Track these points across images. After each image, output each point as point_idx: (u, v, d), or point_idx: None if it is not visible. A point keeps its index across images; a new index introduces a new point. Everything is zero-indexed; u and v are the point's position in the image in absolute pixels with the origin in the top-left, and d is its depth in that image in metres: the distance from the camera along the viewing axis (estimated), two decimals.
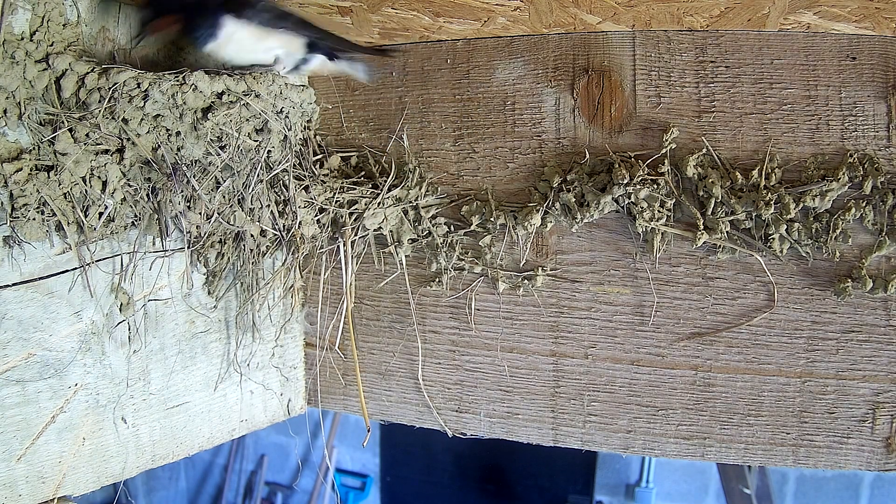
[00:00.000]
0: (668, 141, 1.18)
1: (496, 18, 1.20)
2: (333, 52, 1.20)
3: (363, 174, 1.39)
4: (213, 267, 1.28)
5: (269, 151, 1.21)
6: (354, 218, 1.34)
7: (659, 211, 1.18)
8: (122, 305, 1.13)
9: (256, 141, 1.18)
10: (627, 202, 1.20)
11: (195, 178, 1.13)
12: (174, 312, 1.24)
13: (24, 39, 0.98)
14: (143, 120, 1.05)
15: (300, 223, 1.31)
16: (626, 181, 1.17)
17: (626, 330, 1.25)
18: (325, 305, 1.47)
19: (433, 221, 1.34)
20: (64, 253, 1.05)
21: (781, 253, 1.14)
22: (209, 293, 1.29)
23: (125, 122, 1.04)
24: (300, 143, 1.31)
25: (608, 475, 4.26)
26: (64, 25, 1.03)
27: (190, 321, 1.27)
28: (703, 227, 1.17)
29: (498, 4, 1.14)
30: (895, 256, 1.11)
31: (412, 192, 1.34)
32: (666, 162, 1.18)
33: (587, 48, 1.24)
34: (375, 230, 1.36)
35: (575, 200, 1.22)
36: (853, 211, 1.09)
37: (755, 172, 1.14)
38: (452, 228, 1.34)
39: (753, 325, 1.18)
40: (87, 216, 1.05)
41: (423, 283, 1.38)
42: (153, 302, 1.19)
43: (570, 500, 4.31)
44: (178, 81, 1.05)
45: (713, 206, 1.16)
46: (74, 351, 1.07)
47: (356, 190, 1.35)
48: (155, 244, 1.17)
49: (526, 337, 1.32)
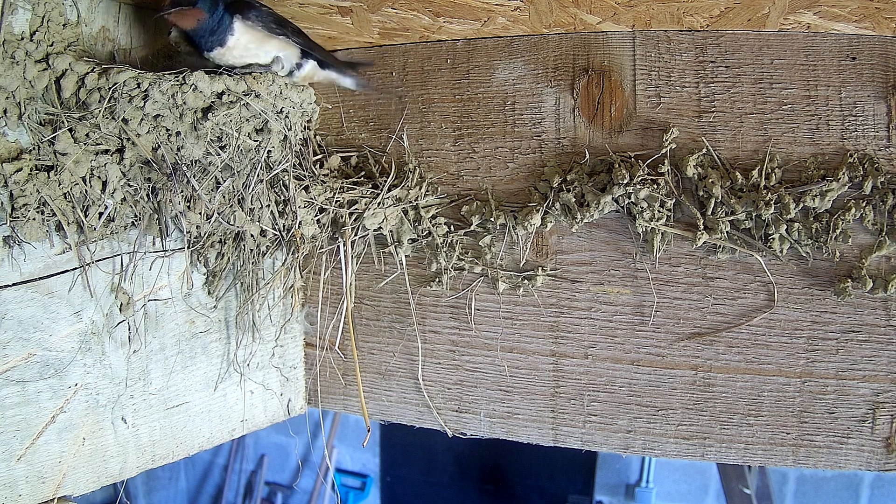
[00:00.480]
0: (668, 141, 1.18)
1: (496, 18, 1.20)
2: (322, 61, 1.23)
3: (363, 174, 1.39)
4: (213, 267, 1.28)
5: (269, 151, 1.21)
6: (354, 218, 1.35)
7: (659, 211, 1.18)
8: (122, 305, 1.13)
9: (256, 141, 1.18)
10: (627, 202, 1.20)
11: (195, 178, 1.13)
12: (174, 312, 1.24)
13: (24, 39, 0.98)
14: (143, 120, 1.05)
15: (300, 223, 1.31)
16: (626, 181, 1.17)
17: (626, 330, 1.25)
18: (325, 305, 1.47)
19: (433, 221, 1.34)
20: (64, 253, 1.05)
21: (781, 253, 1.14)
22: (209, 293, 1.29)
23: (125, 122, 1.04)
24: (300, 143, 1.31)
25: (608, 475, 4.26)
26: (64, 25, 1.03)
27: (190, 321, 1.27)
28: (703, 227, 1.17)
29: (498, 4, 1.14)
30: (895, 256, 1.11)
31: (412, 192, 1.34)
32: (666, 162, 1.18)
33: (587, 48, 1.24)
34: (375, 230, 1.36)
35: (575, 200, 1.22)
36: (853, 211, 1.09)
37: (755, 172, 1.14)
38: (452, 228, 1.34)
39: (753, 325, 1.18)
40: (87, 216, 1.05)
41: (423, 283, 1.38)
42: (153, 302, 1.19)
43: (570, 500, 4.31)
44: (178, 81, 1.05)
45: (713, 206, 1.16)
46: (74, 351, 1.07)
47: (356, 190, 1.35)
48: (155, 244, 1.17)
49: (526, 337, 1.32)
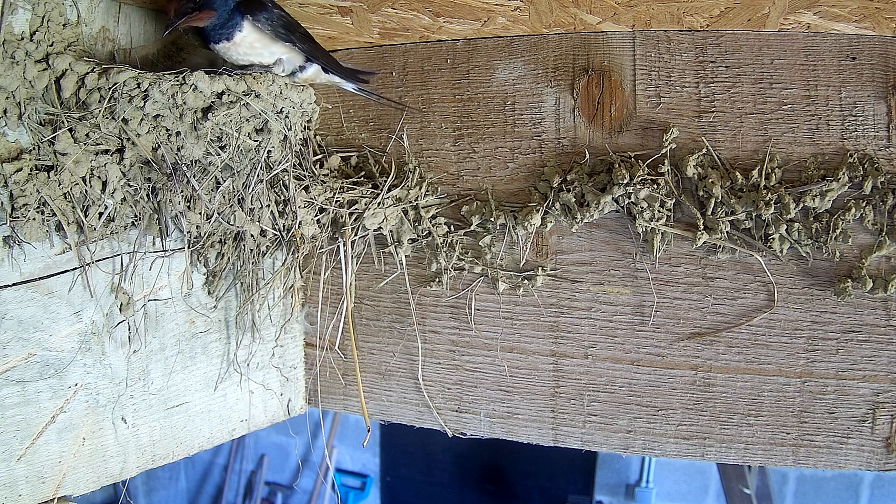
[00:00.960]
0: (668, 141, 1.18)
1: (496, 18, 1.20)
2: (326, 66, 1.23)
3: (363, 174, 1.39)
4: (213, 267, 1.28)
5: (269, 151, 1.21)
6: (354, 218, 1.34)
7: (659, 211, 1.18)
8: (122, 305, 1.13)
9: (256, 141, 1.18)
10: (627, 202, 1.20)
11: (195, 178, 1.13)
12: (174, 312, 1.24)
13: (24, 39, 0.98)
14: (143, 120, 1.05)
15: (300, 223, 1.31)
16: (626, 181, 1.17)
17: (626, 330, 1.25)
18: (325, 305, 1.47)
19: (433, 221, 1.34)
20: (64, 253, 1.05)
21: (781, 253, 1.14)
22: (209, 293, 1.29)
23: (125, 122, 1.04)
24: (300, 143, 1.31)
25: (608, 475, 4.26)
26: (64, 25, 1.03)
27: (190, 321, 1.27)
28: (703, 227, 1.17)
29: (498, 4, 1.14)
30: (895, 256, 1.11)
31: (412, 192, 1.34)
32: (666, 162, 1.18)
33: (587, 48, 1.24)
34: (375, 230, 1.36)
35: (575, 200, 1.22)
36: (853, 211, 1.09)
37: (755, 172, 1.14)
38: (452, 228, 1.34)
39: (753, 325, 1.18)
40: (87, 216, 1.05)
41: (423, 283, 1.38)
42: (153, 302, 1.19)
43: (570, 500, 4.31)
44: (178, 81, 1.05)
45: (713, 206, 1.16)
46: (74, 351, 1.07)
47: (356, 190, 1.35)
48: (155, 244, 1.17)
49: (526, 337, 1.32)
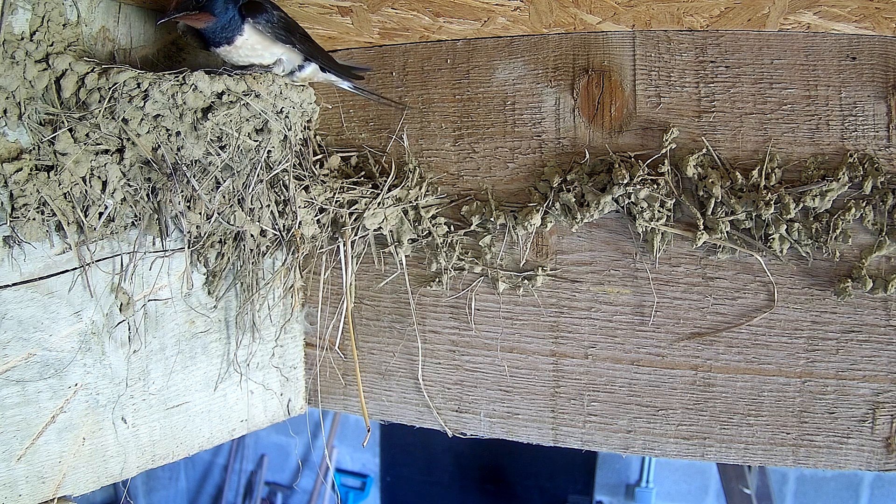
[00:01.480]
0: (668, 141, 1.18)
1: (496, 18, 1.20)
2: (324, 65, 1.24)
3: (363, 174, 1.39)
4: (213, 267, 1.28)
5: (269, 151, 1.21)
6: (354, 218, 1.34)
7: (659, 211, 1.18)
8: (122, 305, 1.13)
9: (256, 141, 1.18)
10: (627, 202, 1.20)
11: (195, 178, 1.13)
12: (174, 312, 1.24)
13: (24, 39, 0.98)
14: (143, 120, 1.05)
15: (300, 223, 1.31)
16: (626, 181, 1.17)
17: (626, 330, 1.25)
18: (325, 305, 1.47)
19: (433, 221, 1.34)
20: (64, 253, 1.05)
21: (781, 253, 1.14)
22: (209, 293, 1.29)
23: (125, 122, 1.04)
24: (300, 143, 1.31)
25: (608, 475, 4.26)
26: (64, 25, 1.03)
27: (190, 321, 1.27)
28: (703, 227, 1.17)
29: (498, 4, 1.14)
30: (895, 256, 1.11)
31: (412, 192, 1.34)
32: (666, 162, 1.18)
33: (587, 48, 1.24)
34: (375, 230, 1.36)
35: (575, 200, 1.22)
36: (853, 211, 1.09)
37: (755, 172, 1.14)
38: (452, 228, 1.34)
39: (753, 325, 1.18)
40: (87, 216, 1.05)
41: (423, 283, 1.38)
42: (153, 302, 1.19)
43: (570, 500, 4.31)
44: (178, 81, 1.05)
45: (713, 206, 1.16)
46: (74, 351, 1.07)
47: (356, 190, 1.35)
48: (155, 244, 1.17)
49: (526, 337, 1.32)
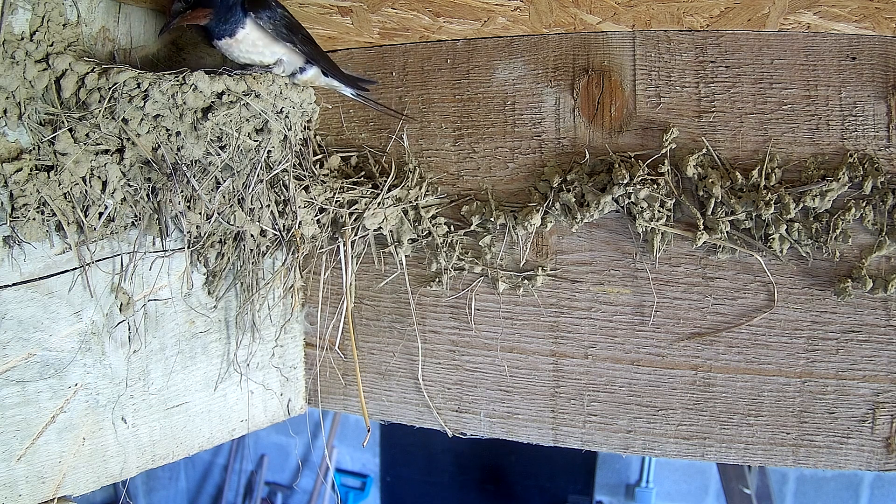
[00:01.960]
0: (668, 141, 1.18)
1: (496, 18, 1.20)
2: (326, 70, 1.24)
3: (363, 174, 1.39)
4: (213, 267, 1.28)
5: (269, 151, 1.21)
6: (354, 218, 1.34)
7: (659, 211, 1.18)
8: (122, 305, 1.13)
9: (256, 141, 1.18)
10: (627, 202, 1.20)
11: (195, 178, 1.13)
12: (174, 312, 1.24)
13: (24, 39, 0.98)
14: (143, 120, 1.05)
15: (300, 223, 1.31)
16: (626, 181, 1.17)
17: (626, 330, 1.25)
18: (325, 305, 1.47)
19: (433, 221, 1.34)
20: (64, 253, 1.05)
21: (781, 253, 1.14)
22: (209, 293, 1.29)
23: (125, 122, 1.04)
24: (300, 143, 1.31)
25: (608, 475, 4.26)
26: (64, 25, 1.03)
27: (190, 321, 1.27)
28: (703, 227, 1.17)
29: (498, 4, 1.14)
30: (895, 256, 1.11)
31: (412, 192, 1.34)
32: (666, 162, 1.18)
33: (587, 48, 1.24)
34: (375, 230, 1.36)
35: (575, 200, 1.22)
36: (853, 211, 1.09)
37: (755, 172, 1.14)
38: (452, 228, 1.34)
39: (753, 325, 1.18)
40: (87, 216, 1.05)
41: (423, 283, 1.38)
42: (153, 302, 1.19)
43: (570, 500, 4.31)
44: (178, 81, 1.05)
45: (713, 206, 1.16)
46: (74, 351, 1.07)
47: (356, 190, 1.35)
48: (155, 244, 1.17)
49: (526, 337, 1.32)
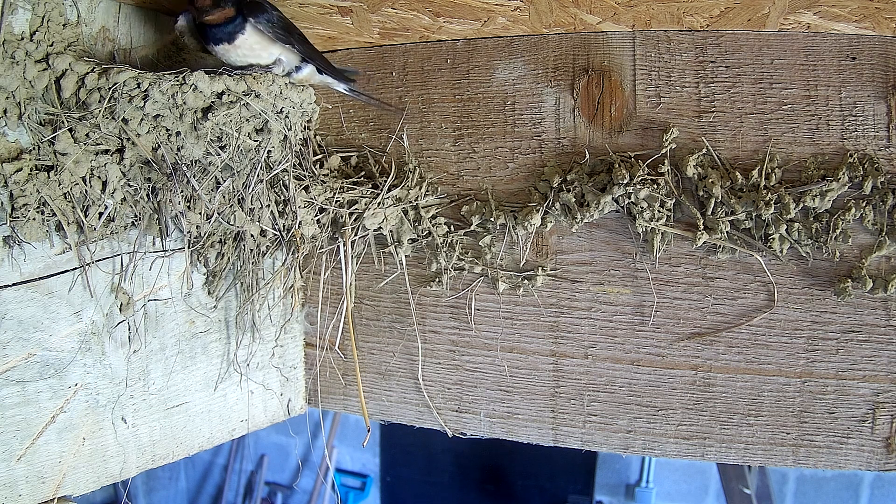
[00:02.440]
0: (668, 141, 1.18)
1: (496, 18, 1.20)
2: (321, 67, 1.24)
3: (363, 174, 1.39)
4: (213, 267, 1.28)
5: (269, 151, 1.21)
6: (354, 218, 1.34)
7: (659, 211, 1.18)
8: (122, 305, 1.13)
9: (256, 141, 1.18)
10: (627, 202, 1.20)
11: (195, 178, 1.13)
12: (174, 312, 1.24)
13: (24, 39, 0.98)
14: (143, 120, 1.05)
15: (300, 223, 1.31)
16: (626, 181, 1.17)
17: (626, 330, 1.25)
18: (325, 305, 1.47)
19: (433, 221, 1.34)
20: (64, 253, 1.05)
21: (781, 253, 1.14)
22: (209, 293, 1.29)
23: (125, 122, 1.04)
24: (300, 143, 1.31)
25: (608, 475, 4.26)
26: (64, 25, 1.03)
27: (190, 321, 1.27)
28: (703, 227, 1.17)
29: (498, 4, 1.14)
30: (895, 256, 1.11)
31: (412, 192, 1.34)
32: (666, 162, 1.18)
33: (587, 48, 1.24)
34: (375, 230, 1.36)
35: (575, 200, 1.22)
36: (853, 211, 1.09)
37: (755, 172, 1.14)
38: (452, 228, 1.34)
39: (753, 325, 1.18)
40: (87, 216, 1.05)
41: (423, 283, 1.38)
42: (153, 302, 1.19)
43: (570, 500, 4.31)
44: (178, 81, 1.05)
45: (713, 206, 1.16)
46: (74, 351, 1.07)
47: (356, 190, 1.35)
48: (155, 244, 1.17)
49: (526, 337, 1.32)
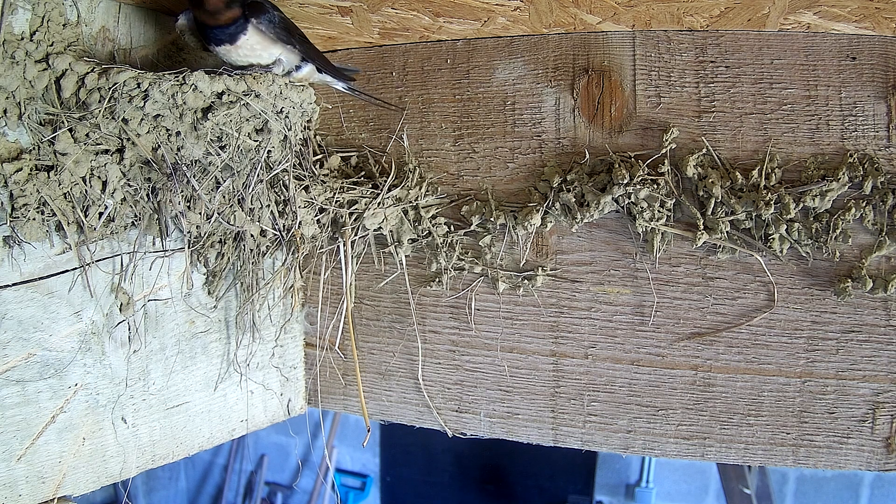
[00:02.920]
0: (668, 141, 1.18)
1: (496, 18, 1.20)
2: (320, 66, 1.25)
3: (363, 174, 1.39)
4: (213, 267, 1.28)
5: (269, 151, 1.21)
6: (354, 218, 1.35)
7: (659, 211, 1.18)
8: (122, 305, 1.13)
9: (256, 141, 1.18)
10: (627, 202, 1.20)
11: (195, 178, 1.13)
12: (174, 312, 1.24)
13: (24, 39, 0.98)
14: (143, 120, 1.05)
15: (300, 223, 1.31)
16: (626, 181, 1.17)
17: (626, 330, 1.25)
18: (325, 305, 1.47)
19: (433, 221, 1.34)
20: (64, 253, 1.05)
21: (781, 253, 1.14)
22: (209, 293, 1.29)
23: (125, 122, 1.04)
24: (300, 143, 1.31)
25: (608, 475, 4.26)
26: (64, 25, 1.03)
27: (190, 321, 1.27)
28: (703, 227, 1.17)
29: (498, 4, 1.14)
30: (895, 256, 1.11)
31: (412, 192, 1.34)
32: (666, 162, 1.18)
33: (587, 48, 1.24)
34: (375, 230, 1.36)
35: (575, 200, 1.22)
36: (853, 211, 1.09)
37: (755, 172, 1.14)
38: (452, 228, 1.34)
39: (753, 325, 1.18)
40: (87, 216, 1.05)
41: (423, 283, 1.38)
42: (153, 302, 1.19)
43: (570, 500, 4.31)
44: (178, 81, 1.05)
45: (713, 206, 1.16)
46: (74, 351, 1.07)
47: (356, 190, 1.35)
48: (155, 244, 1.17)
49: (526, 337, 1.32)
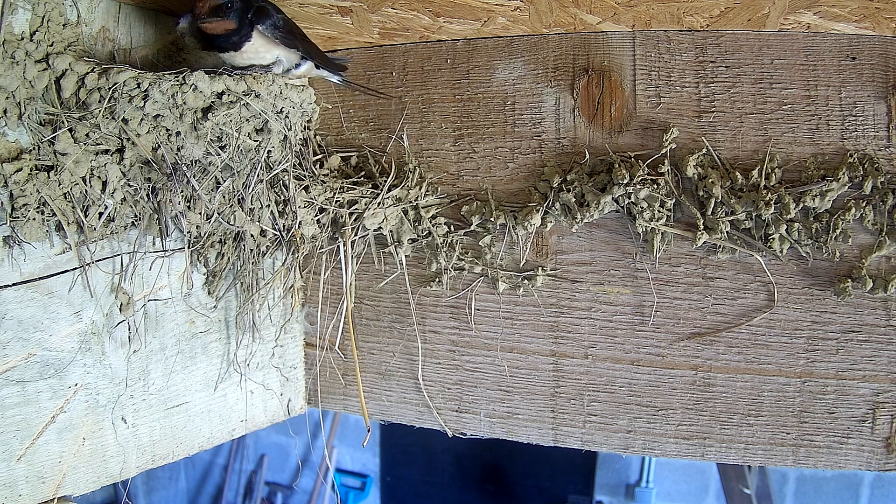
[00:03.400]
0: (668, 141, 1.18)
1: (496, 18, 1.20)
2: (319, 63, 1.25)
3: (363, 174, 1.39)
4: (213, 267, 1.28)
5: (269, 151, 1.21)
6: (354, 218, 1.35)
7: (659, 211, 1.18)
8: (122, 305, 1.13)
9: (256, 141, 1.18)
10: (627, 202, 1.20)
11: (195, 178, 1.13)
12: (174, 312, 1.24)
13: (24, 39, 0.98)
14: (143, 120, 1.05)
15: (300, 223, 1.31)
16: (626, 181, 1.17)
17: (626, 330, 1.25)
18: (325, 305, 1.47)
19: (433, 221, 1.34)
20: (64, 253, 1.05)
21: (781, 253, 1.14)
22: (209, 293, 1.29)
23: (125, 122, 1.04)
24: (300, 143, 1.31)
25: (608, 475, 4.26)
26: (64, 25, 1.03)
27: (190, 321, 1.27)
28: (703, 227, 1.17)
29: (498, 4, 1.14)
30: (895, 256, 1.11)
31: (412, 192, 1.34)
32: (666, 162, 1.18)
33: (587, 48, 1.24)
34: (375, 230, 1.36)
35: (575, 200, 1.22)
36: (853, 211, 1.09)
37: (755, 172, 1.14)
38: (452, 228, 1.34)
39: (753, 325, 1.18)
40: (87, 216, 1.05)
41: (423, 283, 1.38)
42: (153, 302, 1.19)
43: (570, 500, 4.31)
44: (178, 81, 1.05)
45: (713, 206, 1.16)
46: (74, 351, 1.07)
47: (356, 190, 1.35)
48: (155, 244, 1.17)
49: (526, 337, 1.32)
